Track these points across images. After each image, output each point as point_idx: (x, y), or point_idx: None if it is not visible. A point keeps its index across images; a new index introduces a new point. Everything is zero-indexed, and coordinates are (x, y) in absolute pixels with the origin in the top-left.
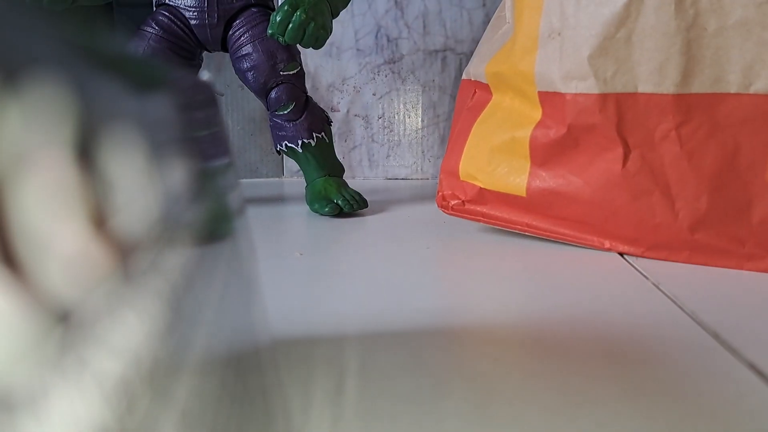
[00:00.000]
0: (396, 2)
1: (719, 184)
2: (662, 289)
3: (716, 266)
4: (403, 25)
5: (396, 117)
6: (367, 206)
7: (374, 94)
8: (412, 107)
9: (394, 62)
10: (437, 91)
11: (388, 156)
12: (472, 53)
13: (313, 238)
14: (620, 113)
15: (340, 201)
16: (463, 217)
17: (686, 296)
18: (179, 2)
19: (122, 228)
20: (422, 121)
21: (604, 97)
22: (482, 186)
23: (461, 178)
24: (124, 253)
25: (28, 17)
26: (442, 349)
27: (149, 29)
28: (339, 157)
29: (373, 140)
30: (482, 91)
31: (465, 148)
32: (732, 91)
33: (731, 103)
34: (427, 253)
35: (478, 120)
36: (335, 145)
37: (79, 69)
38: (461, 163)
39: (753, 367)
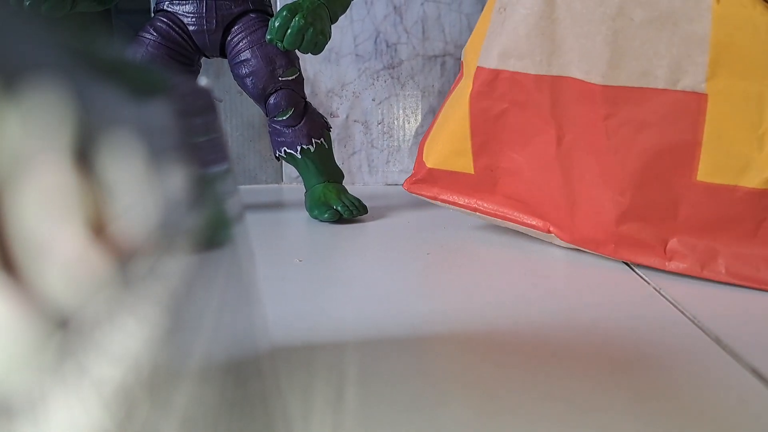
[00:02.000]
0: (395, 8)
1: (644, 181)
2: (663, 294)
3: (640, 263)
4: (402, 30)
5: (395, 122)
6: (367, 212)
7: (373, 100)
8: (412, 112)
9: (394, 67)
10: (437, 96)
11: (387, 162)
12: None
13: (313, 244)
14: (554, 96)
15: (339, 207)
16: (420, 194)
17: (687, 301)
18: (177, 8)
19: (121, 234)
20: (422, 126)
21: (539, 78)
22: (432, 166)
23: (423, 158)
24: (124, 259)
25: (27, 23)
26: (443, 356)
27: (147, 35)
28: (338, 162)
29: (372, 146)
30: (461, 72)
31: (431, 130)
32: (660, 87)
33: (659, 99)
34: (428, 259)
35: (447, 101)
36: (334, 150)
37: (78, 75)
38: (426, 143)
39: (755, 372)
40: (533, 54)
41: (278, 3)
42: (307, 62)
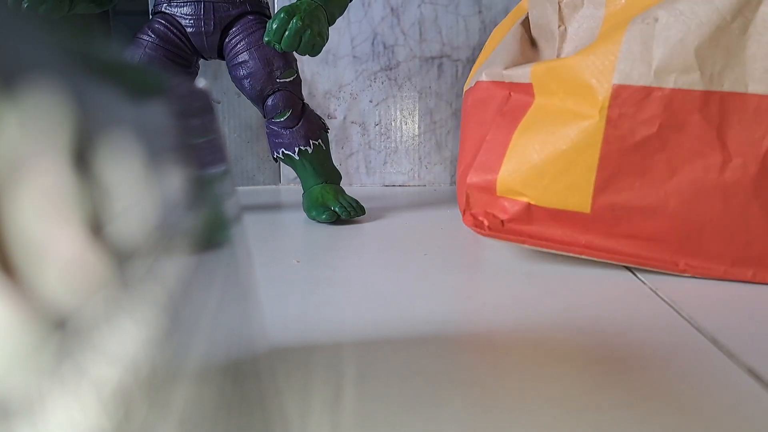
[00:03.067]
0: (392, 9)
1: None
2: (660, 294)
3: None
4: (400, 32)
5: (393, 124)
6: (364, 213)
7: (371, 101)
8: (409, 114)
9: (391, 69)
10: (434, 97)
11: (385, 163)
12: (468, 60)
13: (311, 245)
14: (723, 115)
15: (337, 208)
16: (502, 238)
17: (684, 301)
18: (175, 10)
19: (119, 235)
20: (419, 127)
21: (707, 95)
22: (532, 202)
23: (498, 194)
24: (121, 260)
25: (26, 25)
26: (440, 356)
27: (145, 37)
28: (336, 164)
29: (370, 147)
30: (521, 93)
31: (504, 160)
32: None
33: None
34: (425, 260)
35: (520, 126)
36: (332, 152)
37: (76, 76)
38: (499, 176)
39: (751, 372)
40: (704, 68)
41: (276, 5)
42: (305, 64)
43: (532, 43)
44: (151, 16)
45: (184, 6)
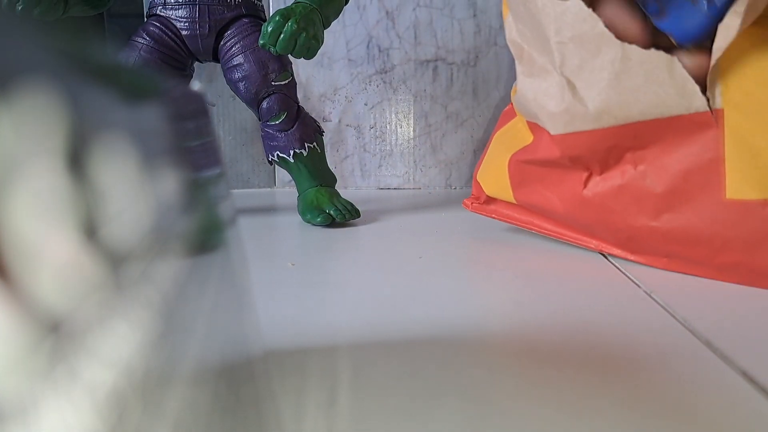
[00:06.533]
0: (387, 13)
1: (674, 204)
2: (654, 297)
3: (695, 274)
4: (395, 35)
5: (388, 127)
6: (359, 216)
7: (366, 104)
8: (404, 117)
9: (386, 72)
10: (429, 100)
11: (380, 165)
12: (462, 62)
13: (306, 248)
14: (569, 150)
15: (332, 211)
16: (480, 213)
17: (678, 304)
18: (171, 13)
19: (114, 238)
20: (414, 130)
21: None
22: (487, 193)
23: (477, 180)
24: (116, 263)
25: (20, 27)
26: (435, 359)
27: (140, 40)
28: (331, 166)
29: (365, 150)
30: (512, 110)
31: (485, 156)
32: (674, 114)
33: (677, 125)
34: (420, 263)
35: (498, 132)
36: (327, 154)
37: (70, 79)
38: (480, 168)
39: (745, 375)
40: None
41: (271, 8)
42: (300, 67)
43: None
44: (146, 19)
45: (179, 9)
